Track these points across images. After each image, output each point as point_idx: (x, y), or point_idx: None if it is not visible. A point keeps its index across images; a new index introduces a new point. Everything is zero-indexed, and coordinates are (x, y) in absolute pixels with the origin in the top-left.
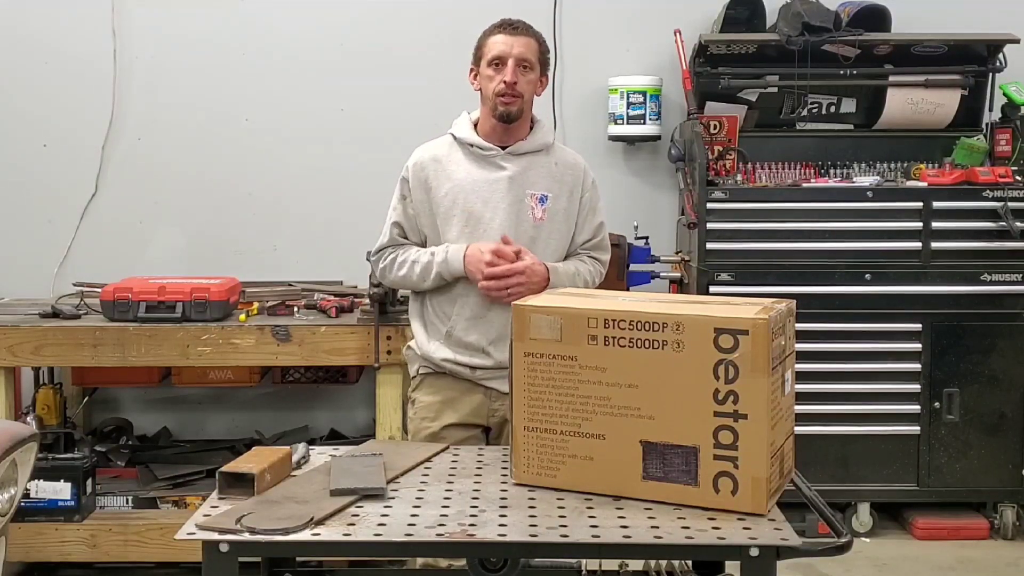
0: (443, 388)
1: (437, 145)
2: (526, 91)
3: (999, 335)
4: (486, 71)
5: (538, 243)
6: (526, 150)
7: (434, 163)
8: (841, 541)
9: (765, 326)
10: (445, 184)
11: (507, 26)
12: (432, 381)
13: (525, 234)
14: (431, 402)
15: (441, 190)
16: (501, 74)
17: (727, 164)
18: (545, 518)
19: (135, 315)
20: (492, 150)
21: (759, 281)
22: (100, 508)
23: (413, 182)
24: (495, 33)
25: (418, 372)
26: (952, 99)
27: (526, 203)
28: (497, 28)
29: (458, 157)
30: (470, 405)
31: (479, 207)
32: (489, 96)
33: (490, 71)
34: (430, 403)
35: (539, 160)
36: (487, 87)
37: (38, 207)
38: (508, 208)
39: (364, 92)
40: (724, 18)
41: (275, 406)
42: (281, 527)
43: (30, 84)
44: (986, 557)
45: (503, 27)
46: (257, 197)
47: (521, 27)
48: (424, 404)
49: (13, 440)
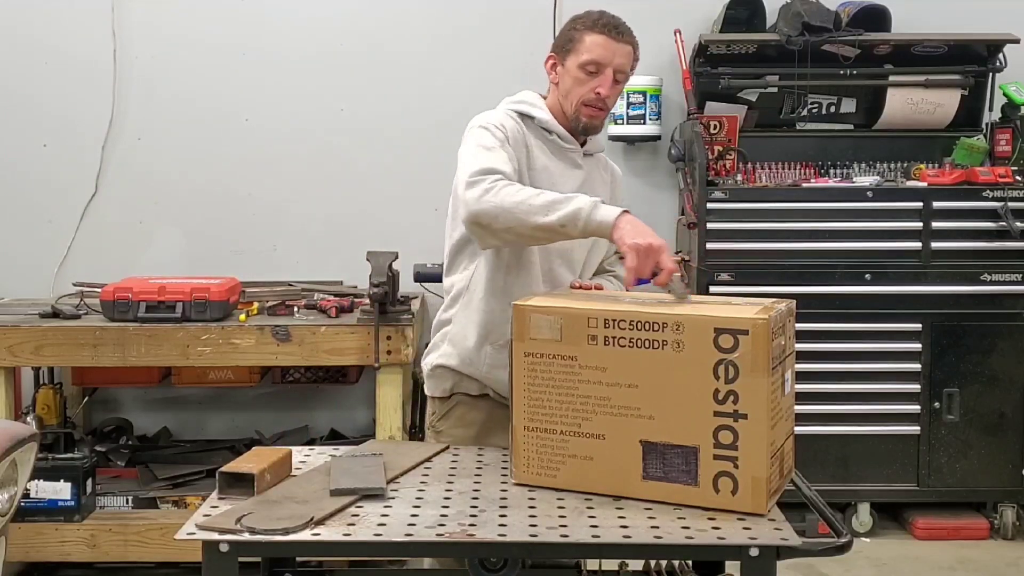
0: (479, 420)
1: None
2: (614, 104)
3: (999, 335)
4: (576, 72)
5: (593, 252)
6: (594, 151)
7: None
8: (841, 541)
9: (765, 326)
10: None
11: (611, 28)
12: (466, 410)
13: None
14: (463, 436)
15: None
16: (595, 82)
17: (727, 164)
18: (545, 518)
19: (135, 315)
20: (572, 144)
21: (759, 281)
22: (100, 508)
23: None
24: (596, 32)
25: (450, 394)
26: (952, 99)
27: None
28: (600, 27)
29: (533, 141)
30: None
31: None
32: (572, 99)
33: (581, 74)
34: (462, 438)
35: (597, 164)
36: (573, 90)
37: (38, 207)
38: None
39: (364, 92)
40: (724, 18)
41: (275, 406)
42: (281, 527)
43: (30, 84)
44: (986, 557)
45: (607, 28)
46: (257, 197)
47: (625, 30)
48: (454, 439)
49: (13, 440)
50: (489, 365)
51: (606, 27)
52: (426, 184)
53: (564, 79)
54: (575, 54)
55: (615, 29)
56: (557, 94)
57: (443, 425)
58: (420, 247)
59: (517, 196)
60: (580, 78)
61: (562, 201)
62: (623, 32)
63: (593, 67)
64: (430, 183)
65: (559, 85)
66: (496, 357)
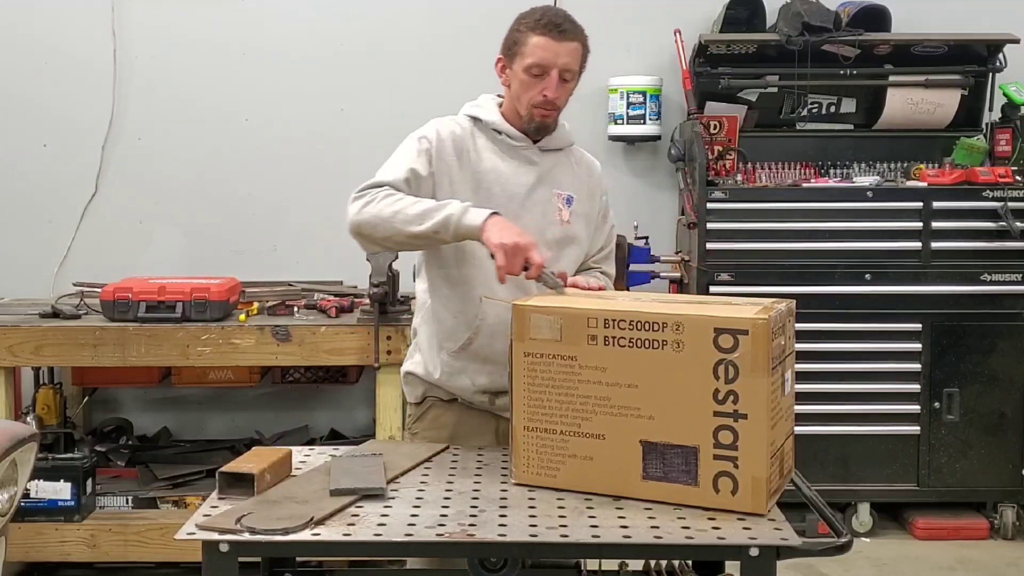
0: (451, 422)
1: (455, 124)
2: (565, 102)
3: (999, 335)
4: (522, 75)
5: (565, 248)
6: (554, 146)
7: (459, 143)
8: (841, 541)
9: (765, 326)
10: (467, 171)
11: (553, 27)
12: (439, 414)
13: (553, 236)
14: (437, 438)
15: (463, 177)
16: (541, 85)
17: (727, 164)
18: (545, 518)
19: (135, 315)
20: (524, 142)
21: (759, 281)
22: (100, 508)
23: (436, 154)
24: (538, 33)
25: (423, 399)
26: (952, 99)
27: (554, 203)
28: (542, 28)
29: (482, 143)
30: (481, 441)
31: (503, 201)
32: (523, 102)
33: (527, 77)
34: (436, 440)
35: (563, 158)
36: (522, 94)
37: (38, 207)
38: (536, 207)
39: (364, 92)
40: (724, 18)
41: (275, 406)
42: (281, 527)
43: (30, 84)
44: (986, 557)
45: (549, 28)
46: (257, 197)
47: (568, 28)
48: (428, 441)
49: (13, 440)
50: (448, 373)
51: (547, 27)
52: None
53: (513, 82)
54: (520, 57)
55: (557, 29)
56: (508, 95)
57: (418, 427)
58: None
59: (394, 207)
60: (527, 81)
61: (435, 209)
62: (566, 30)
63: (538, 70)
64: None
65: (510, 88)
66: (453, 364)
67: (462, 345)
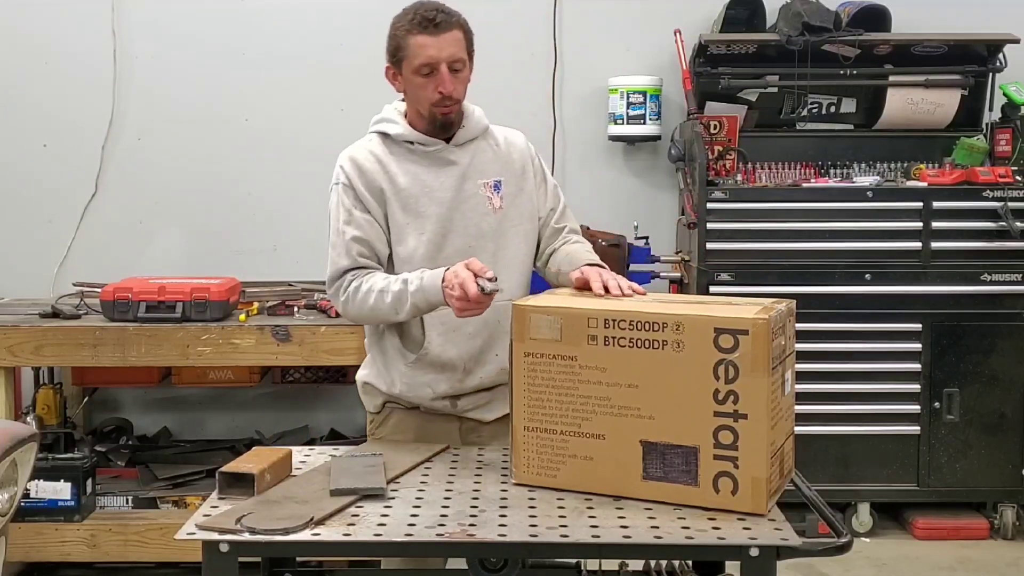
0: (413, 426)
1: (366, 147)
2: (463, 92)
3: (999, 335)
4: (414, 78)
5: (507, 234)
6: (469, 137)
7: (376, 166)
8: (841, 541)
9: (765, 326)
10: (391, 193)
11: (428, 24)
12: (401, 418)
13: (490, 228)
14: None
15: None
16: (434, 82)
17: (727, 164)
18: (545, 518)
19: (135, 315)
20: (437, 145)
21: (759, 281)
22: (100, 508)
23: (362, 187)
24: (416, 34)
25: (383, 407)
26: (952, 99)
27: (481, 195)
28: (417, 28)
29: (397, 159)
30: (444, 439)
31: (433, 210)
32: (422, 104)
33: (419, 79)
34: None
35: (481, 145)
36: (418, 95)
37: (38, 207)
38: (465, 205)
39: (364, 92)
40: (724, 18)
41: (275, 406)
42: (281, 527)
43: (30, 84)
44: (986, 557)
45: (424, 26)
46: (257, 197)
47: (443, 21)
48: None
49: (13, 440)
50: (407, 384)
51: (423, 25)
52: None
53: (407, 87)
54: (407, 60)
55: (432, 24)
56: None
57: (381, 432)
58: None
59: (368, 303)
60: (419, 82)
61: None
62: (440, 23)
63: (427, 69)
64: None
65: (406, 93)
66: (411, 375)
67: (418, 356)
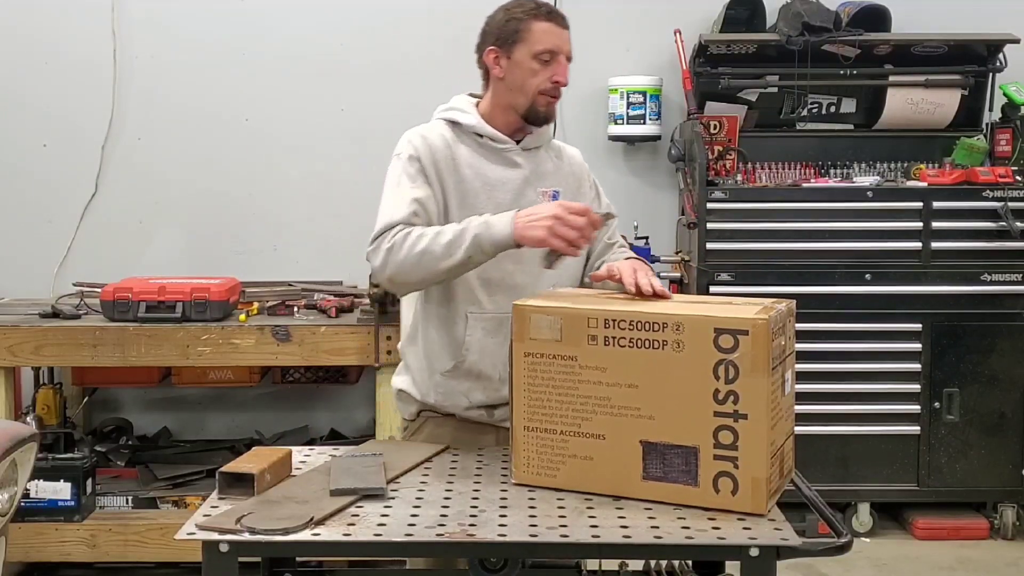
0: (447, 435)
1: (433, 132)
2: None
3: (999, 335)
4: (529, 63)
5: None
6: (536, 144)
7: (446, 151)
8: (841, 541)
9: (765, 326)
10: (451, 183)
11: (555, 15)
12: (436, 427)
13: None
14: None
15: (450, 189)
16: (550, 71)
17: (727, 164)
18: (545, 518)
19: (135, 315)
20: (507, 144)
21: (759, 281)
22: (100, 508)
23: (429, 164)
24: (542, 19)
25: (417, 415)
26: (952, 99)
27: (540, 202)
28: (545, 15)
29: (464, 150)
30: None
31: (490, 209)
32: (528, 91)
33: (535, 64)
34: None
35: (544, 155)
36: (528, 81)
37: (38, 207)
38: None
39: (364, 92)
40: (724, 18)
41: (275, 406)
42: (281, 527)
43: (30, 84)
44: (986, 557)
45: (552, 16)
46: (257, 197)
47: (564, 16)
48: None
49: (13, 440)
50: (442, 394)
51: (551, 15)
52: None
53: (514, 72)
54: (524, 44)
55: (558, 15)
56: (499, 89)
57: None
58: None
59: (418, 247)
60: (534, 68)
61: (460, 234)
62: (563, 17)
63: (547, 55)
64: None
65: (505, 79)
66: (447, 385)
67: (454, 365)
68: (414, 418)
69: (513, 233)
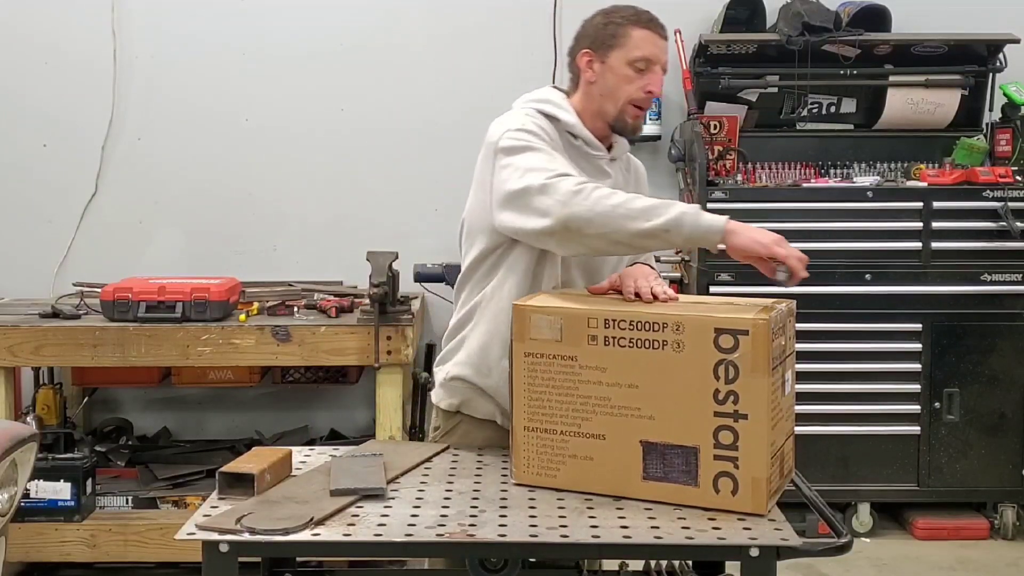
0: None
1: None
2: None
3: (999, 335)
4: (623, 69)
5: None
6: (622, 154)
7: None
8: (841, 541)
9: (765, 326)
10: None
11: (655, 23)
12: (469, 429)
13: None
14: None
15: None
16: (644, 80)
17: (727, 164)
18: (545, 518)
19: (135, 315)
20: (600, 152)
21: (759, 281)
22: (100, 508)
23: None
24: (642, 27)
25: (456, 410)
26: (952, 99)
27: None
28: (645, 23)
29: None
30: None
31: None
32: (619, 98)
33: (630, 71)
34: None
35: (622, 166)
36: (620, 88)
37: (38, 207)
38: None
39: (364, 92)
40: (724, 18)
41: (275, 406)
42: (281, 527)
43: (30, 84)
44: (986, 557)
45: (652, 24)
46: (257, 197)
47: (664, 27)
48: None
49: (13, 440)
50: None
51: (651, 23)
52: (426, 184)
53: (607, 77)
54: (621, 49)
55: (658, 24)
56: (590, 93)
57: (447, 442)
58: (420, 247)
59: (611, 200)
60: (628, 75)
61: (661, 206)
62: (663, 27)
63: (643, 64)
64: (430, 183)
65: (597, 83)
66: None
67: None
68: (454, 411)
69: (725, 229)
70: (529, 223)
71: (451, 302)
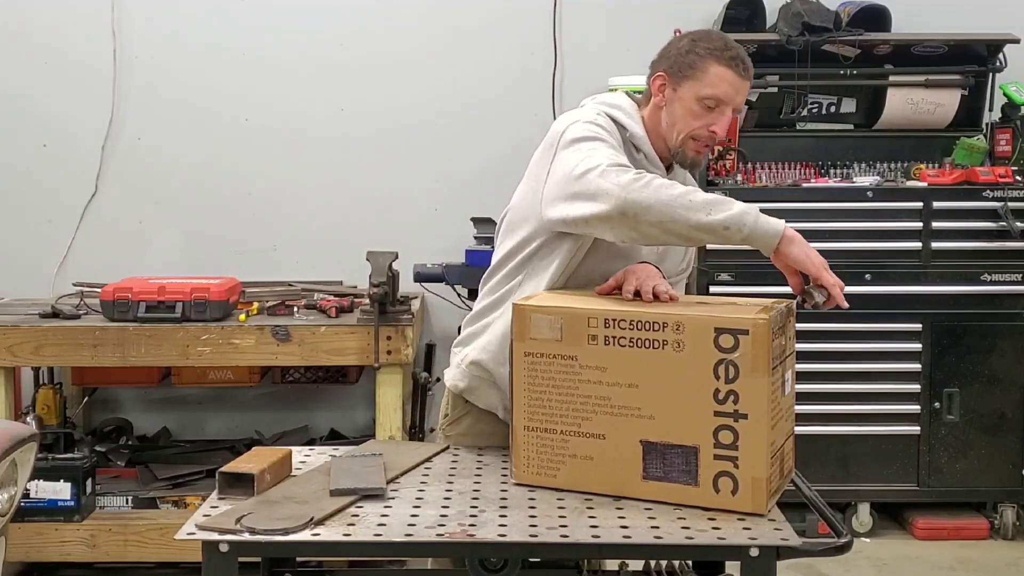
0: (486, 432)
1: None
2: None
3: (999, 335)
4: (691, 103)
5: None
6: (678, 178)
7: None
8: (841, 541)
9: (765, 326)
10: None
11: (740, 62)
12: (474, 421)
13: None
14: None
15: None
16: (710, 119)
17: (727, 164)
18: (545, 518)
19: (135, 315)
20: (659, 170)
21: (759, 281)
22: (100, 508)
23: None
24: (724, 64)
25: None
26: (952, 99)
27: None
28: (728, 60)
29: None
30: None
31: None
32: (680, 131)
33: (697, 107)
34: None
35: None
36: (684, 121)
37: (38, 207)
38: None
39: (364, 92)
40: (724, 18)
41: (275, 406)
42: (281, 527)
43: (30, 84)
44: (986, 557)
45: (735, 62)
46: (257, 197)
47: (750, 66)
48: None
49: (13, 440)
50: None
51: (734, 60)
52: (426, 184)
53: (675, 106)
54: (695, 82)
55: (743, 64)
56: (659, 115)
57: (452, 431)
58: (420, 247)
59: (673, 190)
60: (695, 111)
61: (723, 202)
62: (748, 68)
63: (713, 102)
64: (430, 183)
65: (665, 109)
66: None
67: None
68: (461, 402)
69: (783, 234)
70: (586, 208)
71: (451, 302)
